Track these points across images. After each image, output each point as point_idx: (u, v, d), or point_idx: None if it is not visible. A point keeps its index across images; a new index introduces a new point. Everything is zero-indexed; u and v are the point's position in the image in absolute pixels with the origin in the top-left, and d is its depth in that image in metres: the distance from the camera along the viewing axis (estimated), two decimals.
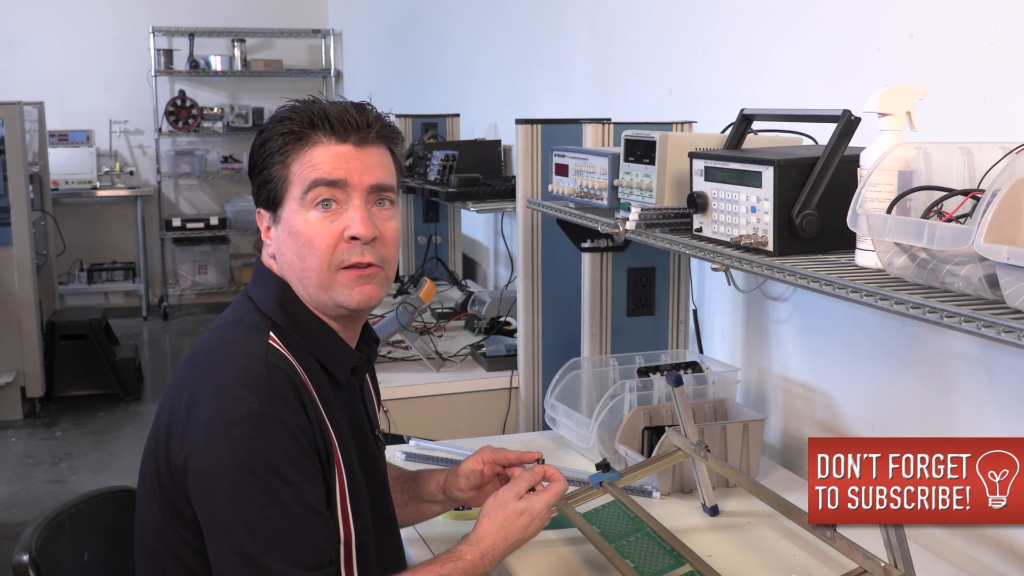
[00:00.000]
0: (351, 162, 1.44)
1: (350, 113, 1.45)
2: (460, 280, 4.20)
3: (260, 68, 7.88)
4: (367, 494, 1.49)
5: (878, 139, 1.46)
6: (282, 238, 1.46)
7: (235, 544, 1.32)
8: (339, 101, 1.47)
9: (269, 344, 1.41)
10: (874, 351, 2.04)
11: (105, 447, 5.01)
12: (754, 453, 2.08)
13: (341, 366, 1.49)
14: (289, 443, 1.34)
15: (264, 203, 1.48)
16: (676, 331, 2.56)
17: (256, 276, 1.52)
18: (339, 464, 1.43)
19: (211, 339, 1.46)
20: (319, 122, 1.43)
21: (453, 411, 2.88)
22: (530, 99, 3.99)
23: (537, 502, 1.52)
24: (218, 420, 1.33)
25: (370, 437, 1.57)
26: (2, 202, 5.29)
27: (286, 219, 1.45)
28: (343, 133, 1.44)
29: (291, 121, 1.44)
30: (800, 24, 2.28)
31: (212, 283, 7.82)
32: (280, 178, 1.44)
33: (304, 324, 1.47)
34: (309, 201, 1.43)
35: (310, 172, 1.43)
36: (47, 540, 1.53)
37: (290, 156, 1.44)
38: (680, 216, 1.83)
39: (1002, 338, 1.12)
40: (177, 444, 1.37)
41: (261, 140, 1.47)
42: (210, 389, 1.36)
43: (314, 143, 1.44)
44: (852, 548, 1.42)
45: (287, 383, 1.37)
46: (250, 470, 1.31)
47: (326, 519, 1.38)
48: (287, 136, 1.44)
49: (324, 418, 1.42)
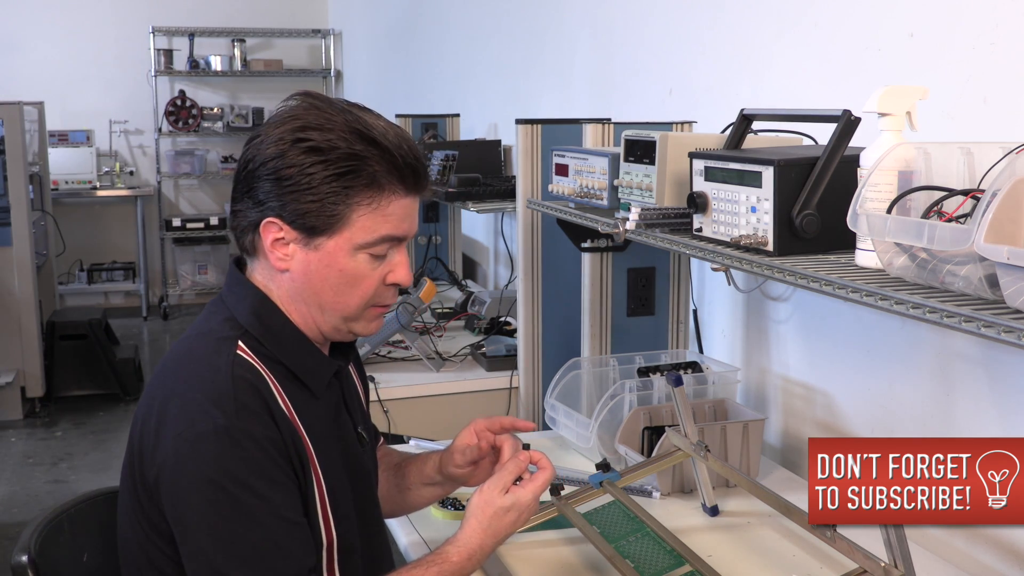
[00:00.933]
0: (413, 215, 1.43)
1: (419, 161, 1.40)
2: (460, 280, 4.20)
3: (260, 68, 7.88)
4: (351, 495, 1.48)
5: (878, 139, 1.46)
6: (315, 266, 1.40)
7: (208, 561, 1.31)
8: (400, 134, 1.40)
9: (236, 355, 1.38)
10: (874, 351, 2.04)
11: (105, 447, 5.02)
12: (754, 453, 2.08)
13: (317, 378, 1.47)
14: (258, 456, 1.32)
15: (297, 224, 1.38)
16: (676, 331, 2.56)
17: (232, 283, 1.48)
18: (316, 470, 1.41)
19: (179, 350, 1.44)
20: (406, 175, 1.38)
21: (453, 411, 2.88)
22: (530, 99, 3.99)
23: (524, 495, 1.47)
24: (185, 436, 1.32)
25: (353, 437, 1.54)
26: (2, 202, 5.29)
27: (330, 252, 1.39)
28: (414, 185, 1.41)
29: (363, 160, 1.36)
30: (800, 24, 2.28)
31: (212, 283, 7.81)
32: (336, 214, 1.36)
33: (281, 336, 1.43)
34: (365, 247, 1.39)
35: (383, 226, 1.38)
36: (46, 540, 1.53)
37: (356, 195, 1.36)
38: (680, 216, 1.83)
39: (1002, 338, 1.12)
40: (149, 459, 1.36)
41: (316, 159, 1.35)
42: (177, 404, 1.35)
43: (391, 193, 1.38)
44: (852, 548, 1.42)
45: (254, 395, 1.35)
46: (219, 486, 1.30)
47: (302, 528, 1.36)
48: (356, 176, 1.36)
49: (297, 427, 1.39)
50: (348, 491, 1.48)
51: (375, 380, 2.67)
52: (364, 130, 1.37)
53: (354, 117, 1.38)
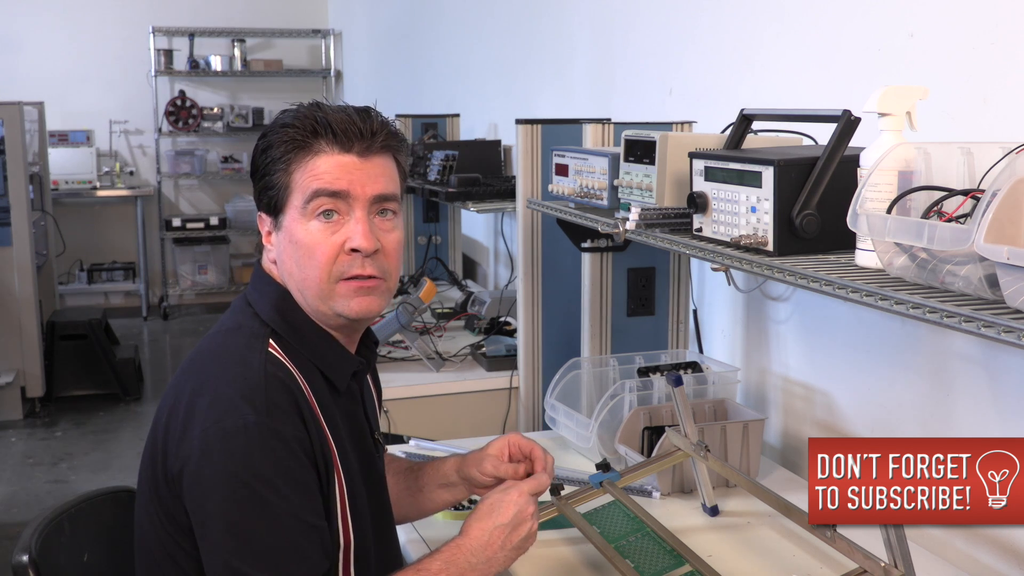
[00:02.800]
0: (354, 172, 1.42)
1: (354, 121, 1.43)
2: (460, 280, 4.20)
3: (260, 68, 7.88)
4: (366, 500, 1.49)
5: (878, 139, 1.46)
6: (283, 245, 1.45)
7: (226, 557, 1.31)
8: (343, 107, 1.45)
9: (268, 353, 1.40)
10: (874, 351, 2.04)
11: (105, 447, 5.01)
12: (754, 453, 2.08)
13: (341, 373, 1.48)
14: (285, 456, 1.33)
15: (265, 208, 1.47)
16: (676, 331, 2.56)
17: (255, 281, 1.50)
18: (339, 473, 1.42)
19: (210, 345, 1.45)
20: (322, 130, 1.41)
21: (453, 411, 2.88)
22: (530, 99, 3.99)
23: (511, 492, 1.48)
24: (214, 431, 1.32)
25: (370, 441, 1.56)
26: (2, 202, 5.29)
27: (287, 227, 1.44)
28: (347, 142, 1.42)
29: (294, 128, 1.42)
30: (800, 24, 2.28)
31: (212, 283, 7.82)
32: (282, 185, 1.43)
33: (303, 332, 1.45)
34: (310, 211, 1.41)
35: (312, 182, 1.41)
36: (47, 540, 1.53)
37: (292, 164, 1.42)
38: (680, 216, 1.83)
39: (1002, 338, 1.12)
40: (174, 452, 1.36)
41: (264, 145, 1.45)
42: (207, 398, 1.35)
43: (317, 152, 1.42)
44: (852, 548, 1.42)
45: (285, 394, 1.36)
46: (244, 483, 1.31)
47: (321, 532, 1.37)
48: (289, 144, 1.42)
49: (324, 428, 1.40)
50: (364, 495, 1.49)
51: None
52: (308, 111, 1.43)
53: (314, 105, 1.44)
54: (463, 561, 1.42)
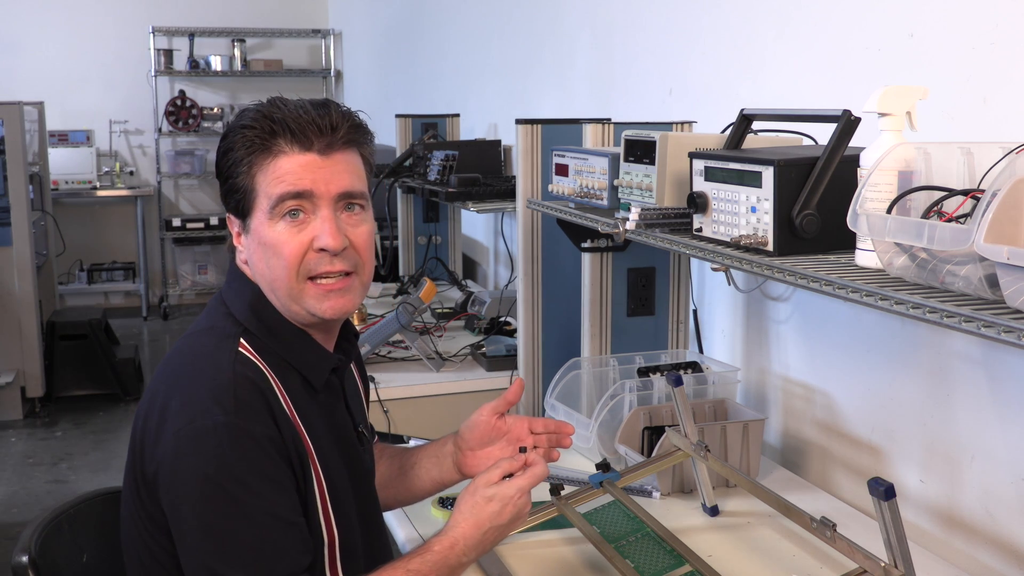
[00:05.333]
0: (316, 171, 1.40)
1: (313, 118, 1.40)
2: (460, 280, 4.20)
3: (260, 68, 7.88)
4: (351, 494, 1.48)
5: (878, 139, 1.46)
6: (252, 247, 1.45)
7: (204, 559, 1.31)
8: (301, 103, 1.42)
9: (239, 352, 1.39)
10: (874, 351, 2.04)
11: (105, 447, 5.02)
12: (754, 453, 2.08)
13: (317, 371, 1.48)
14: (257, 455, 1.33)
15: (233, 211, 1.46)
16: (676, 331, 2.56)
17: (230, 280, 1.50)
18: (316, 470, 1.41)
19: (182, 347, 1.45)
20: (280, 130, 1.39)
21: (453, 411, 2.87)
22: (530, 99, 3.99)
23: (508, 488, 1.46)
24: (185, 432, 1.32)
25: (353, 436, 1.55)
26: (2, 202, 5.30)
27: (255, 229, 1.43)
28: (306, 141, 1.40)
29: (252, 130, 1.40)
30: (800, 24, 2.28)
31: (212, 283, 7.82)
32: (246, 188, 1.41)
33: (278, 331, 1.45)
34: (277, 214, 1.40)
35: (275, 186, 1.39)
36: (46, 541, 1.53)
37: (254, 167, 1.40)
38: (680, 216, 1.83)
39: (1002, 338, 1.12)
40: (149, 454, 1.36)
41: (225, 147, 1.43)
42: (179, 400, 1.35)
43: (277, 153, 1.39)
44: (852, 548, 1.42)
45: (255, 393, 1.36)
46: (216, 483, 1.30)
47: (299, 529, 1.36)
48: (250, 146, 1.40)
49: (297, 426, 1.40)
50: (349, 490, 1.48)
51: (375, 380, 2.67)
52: (267, 110, 1.41)
53: (272, 103, 1.42)
54: (455, 561, 1.43)
